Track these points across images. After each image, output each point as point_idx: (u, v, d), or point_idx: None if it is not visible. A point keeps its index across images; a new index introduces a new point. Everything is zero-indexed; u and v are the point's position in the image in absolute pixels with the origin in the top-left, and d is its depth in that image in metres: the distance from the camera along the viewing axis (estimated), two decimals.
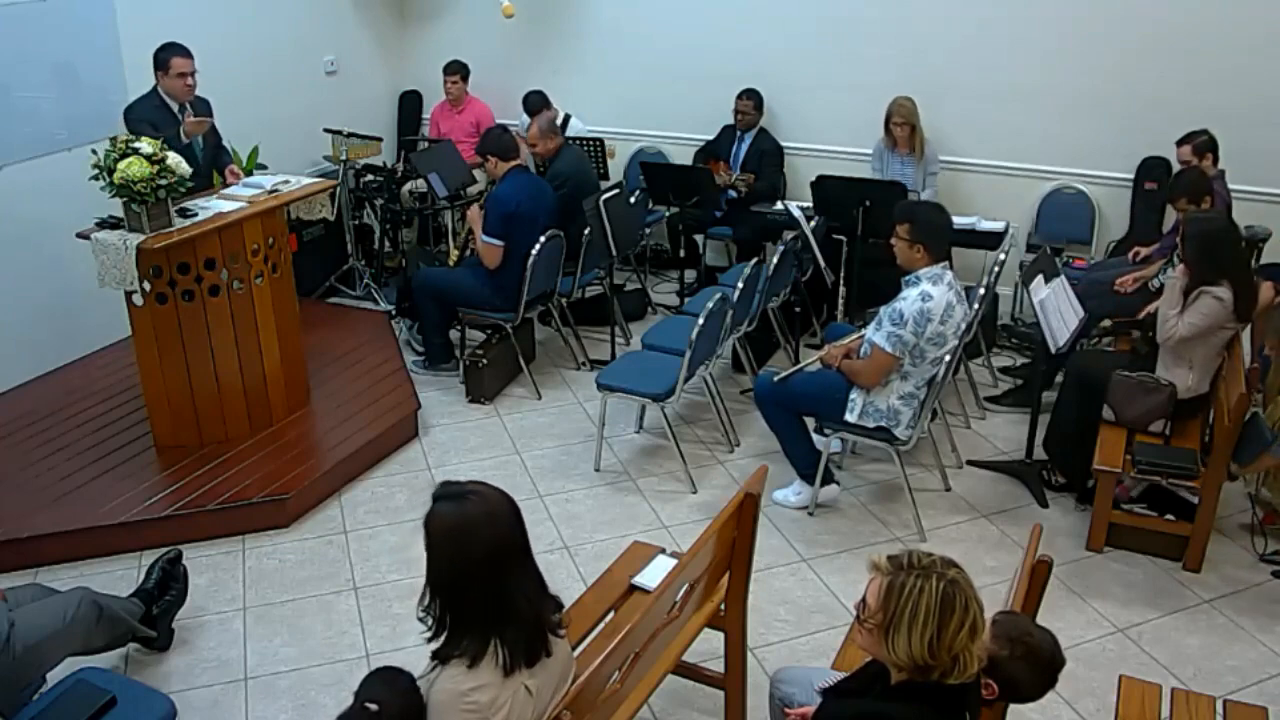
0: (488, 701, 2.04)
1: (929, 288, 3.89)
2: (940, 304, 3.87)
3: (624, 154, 7.03)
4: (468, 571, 2.04)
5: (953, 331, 3.94)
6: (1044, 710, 3.19)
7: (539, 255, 5.20)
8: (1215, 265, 3.98)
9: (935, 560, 1.97)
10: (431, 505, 2.08)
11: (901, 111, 5.82)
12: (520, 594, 2.10)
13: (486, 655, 2.05)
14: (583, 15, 6.99)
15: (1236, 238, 4.20)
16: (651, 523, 4.33)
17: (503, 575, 2.07)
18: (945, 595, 1.91)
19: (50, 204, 4.95)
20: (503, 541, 2.07)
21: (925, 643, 1.90)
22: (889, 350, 3.91)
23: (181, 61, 4.73)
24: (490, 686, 2.04)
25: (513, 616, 2.08)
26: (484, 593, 2.05)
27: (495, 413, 5.27)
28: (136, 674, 3.39)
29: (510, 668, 2.06)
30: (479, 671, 2.04)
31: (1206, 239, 4.02)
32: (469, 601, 2.05)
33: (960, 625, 1.91)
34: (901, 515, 4.33)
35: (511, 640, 2.07)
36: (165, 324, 4.38)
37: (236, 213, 4.47)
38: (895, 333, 3.89)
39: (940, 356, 3.99)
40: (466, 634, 2.06)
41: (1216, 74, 5.39)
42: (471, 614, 2.06)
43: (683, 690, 3.30)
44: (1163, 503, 4.02)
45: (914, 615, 1.90)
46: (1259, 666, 3.47)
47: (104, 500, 4.21)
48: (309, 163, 6.60)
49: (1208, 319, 3.97)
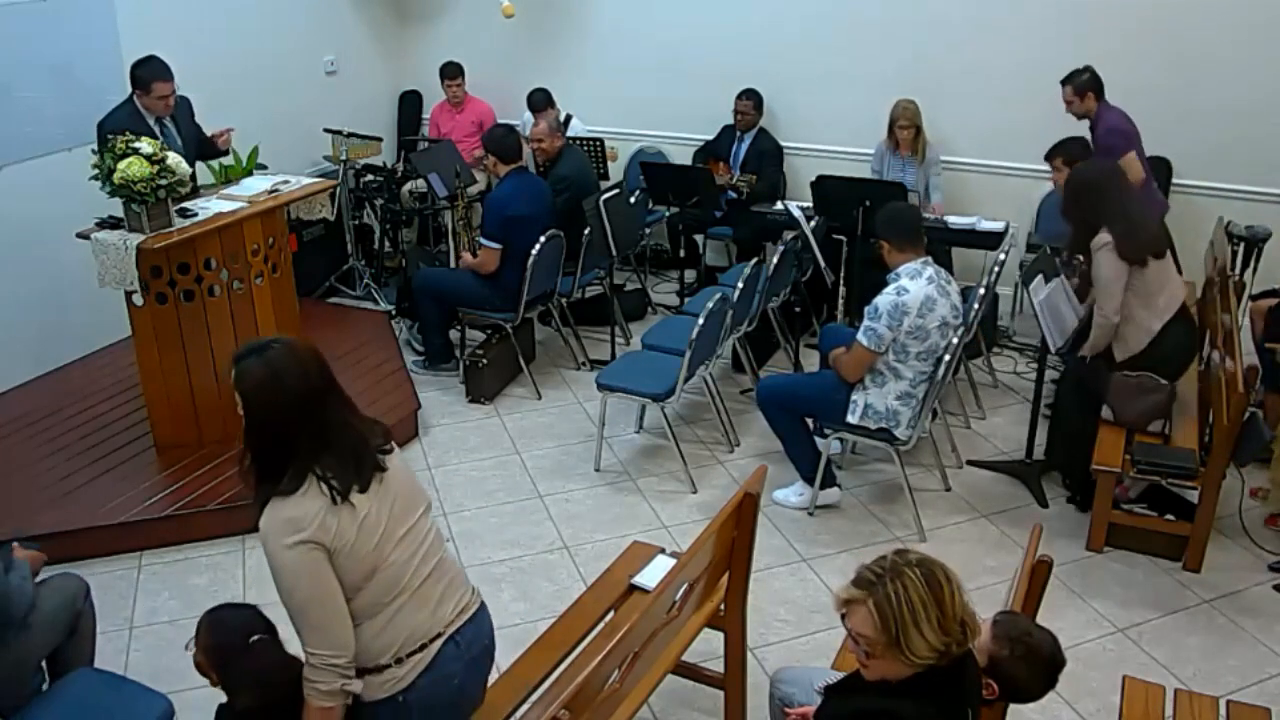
0: (309, 520, 2.07)
1: (905, 282, 3.94)
2: (917, 297, 3.89)
3: (624, 154, 7.03)
4: (283, 417, 2.10)
5: (936, 325, 3.94)
6: (1044, 710, 3.19)
7: (539, 255, 5.20)
8: (1091, 213, 3.97)
9: (888, 559, 1.99)
10: (235, 366, 2.14)
11: (906, 115, 5.81)
12: (336, 425, 2.16)
13: (308, 487, 2.09)
14: (583, 15, 6.99)
15: (1114, 183, 4.08)
16: (651, 523, 4.33)
17: (318, 410, 2.13)
18: (927, 577, 1.93)
19: (50, 204, 4.94)
20: (311, 380, 2.14)
21: (937, 627, 1.91)
22: (866, 345, 3.94)
23: (163, 85, 4.65)
24: (314, 513, 2.08)
25: (331, 447, 2.13)
26: (301, 431, 2.10)
27: (495, 413, 5.27)
28: (136, 674, 3.39)
29: (337, 495, 2.11)
30: (302, 500, 2.09)
31: (1077, 189, 4.02)
32: (287, 443, 2.11)
33: (952, 593, 1.94)
34: (901, 515, 4.33)
35: (334, 468, 2.12)
36: (165, 324, 4.38)
37: (236, 213, 4.47)
38: (870, 327, 3.92)
39: (932, 352, 3.99)
40: (284, 473, 2.11)
41: (1216, 74, 5.40)
42: (291, 454, 2.11)
43: (683, 690, 3.30)
44: (1163, 503, 4.02)
45: (914, 612, 1.91)
46: (1259, 666, 3.47)
47: (104, 500, 4.21)
48: (309, 163, 6.60)
49: (1114, 276, 3.93)
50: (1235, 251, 5.06)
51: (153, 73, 4.64)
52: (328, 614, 2.11)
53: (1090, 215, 4.00)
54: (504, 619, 3.75)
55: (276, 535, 2.08)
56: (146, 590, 3.96)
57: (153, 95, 4.64)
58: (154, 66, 4.66)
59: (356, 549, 2.12)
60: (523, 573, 4.02)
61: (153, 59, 4.68)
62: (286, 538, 2.06)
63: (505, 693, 2.70)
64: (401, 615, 2.19)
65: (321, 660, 2.11)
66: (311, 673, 2.12)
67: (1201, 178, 5.48)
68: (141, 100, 4.67)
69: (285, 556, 2.07)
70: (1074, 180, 4.12)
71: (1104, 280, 3.99)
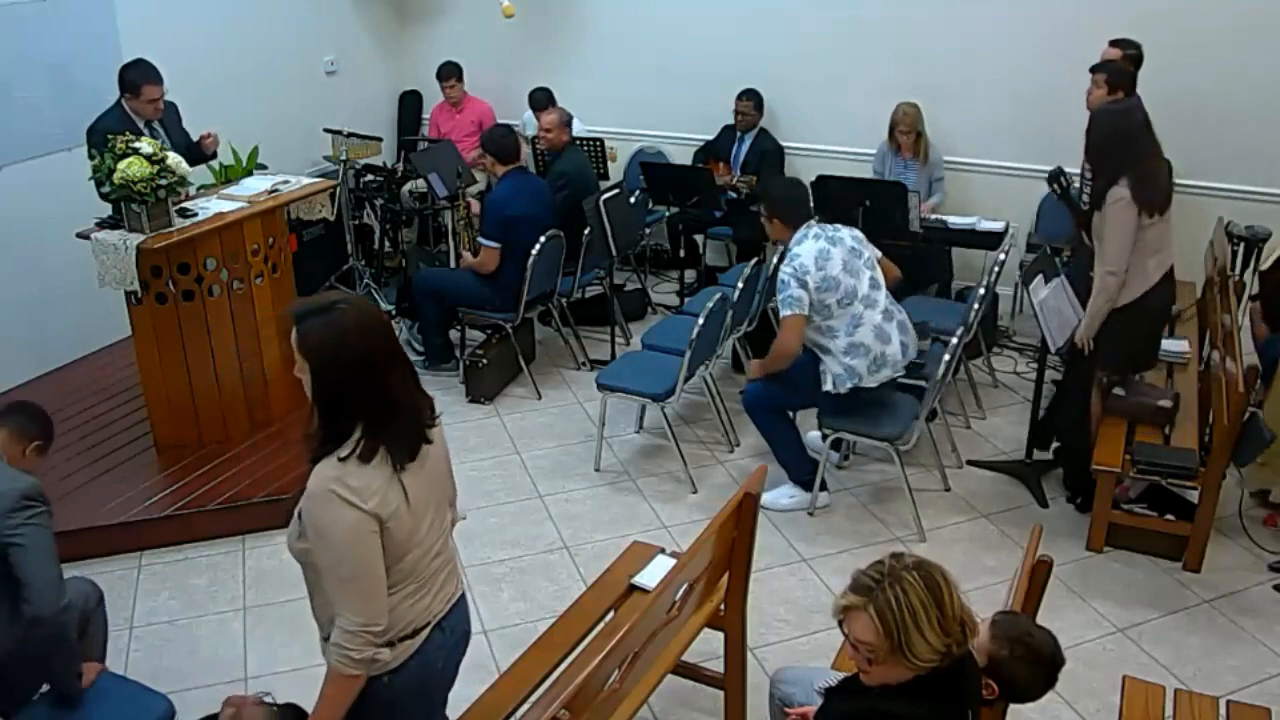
0: (373, 491, 2.04)
1: (795, 249, 4.06)
2: (810, 255, 4.00)
3: (624, 154, 7.03)
4: (348, 377, 2.04)
5: (840, 270, 4.00)
6: (1044, 710, 3.19)
7: (539, 255, 5.20)
8: (1116, 162, 3.92)
9: (885, 563, 1.98)
10: (297, 326, 2.06)
11: (906, 120, 5.79)
12: (399, 391, 2.11)
13: (374, 456, 2.06)
14: (583, 15, 6.99)
15: (1141, 131, 4.02)
16: (651, 523, 4.33)
17: (382, 375, 2.07)
18: (925, 579, 1.93)
19: (49, 204, 4.94)
20: (376, 344, 2.08)
21: (938, 629, 1.91)
22: (791, 312, 4.02)
23: (152, 89, 4.63)
24: (379, 485, 2.05)
25: (397, 415, 2.09)
26: (367, 395, 2.06)
27: (495, 413, 5.27)
28: (136, 674, 3.39)
29: (397, 464, 2.08)
30: (367, 469, 2.05)
31: (1110, 136, 3.95)
32: (352, 407, 2.06)
33: (951, 594, 1.94)
34: (901, 515, 4.32)
35: (398, 438, 2.09)
36: (165, 324, 4.38)
37: (236, 213, 4.47)
38: (787, 296, 4.02)
39: (851, 296, 4.02)
40: (348, 436, 2.06)
41: (1217, 73, 5.39)
42: (355, 418, 2.06)
43: (683, 690, 3.30)
44: (1163, 503, 4.02)
45: (915, 616, 1.90)
46: (1259, 666, 3.47)
47: (104, 500, 4.21)
48: (309, 163, 6.60)
49: (1126, 229, 3.90)
50: (1235, 251, 5.06)
51: (142, 76, 4.62)
52: (374, 583, 2.08)
53: (1115, 165, 3.93)
54: (504, 619, 3.75)
55: (336, 500, 2.02)
56: (146, 590, 3.96)
57: (142, 99, 4.63)
58: (143, 70, 4.64)
59: (400, 528, 2.10)
60: (523, 573, 4.02)
61: (141, 62, 4.66)
62: (347, 505, 2.02)
63: (505, 693, 2.70)
64: (408, 600, 2.19)
65: (360, 627, 2.07)
66: (346, 639, 2.07)
67: (1201, 178, 5.47)
68: (131, 104, 4.65)
69: (343, 524, 2.02)
70: (1107, 126, 4.00)
71: (1116, 231, 3.91)
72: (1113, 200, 3.90)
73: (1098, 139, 4.00)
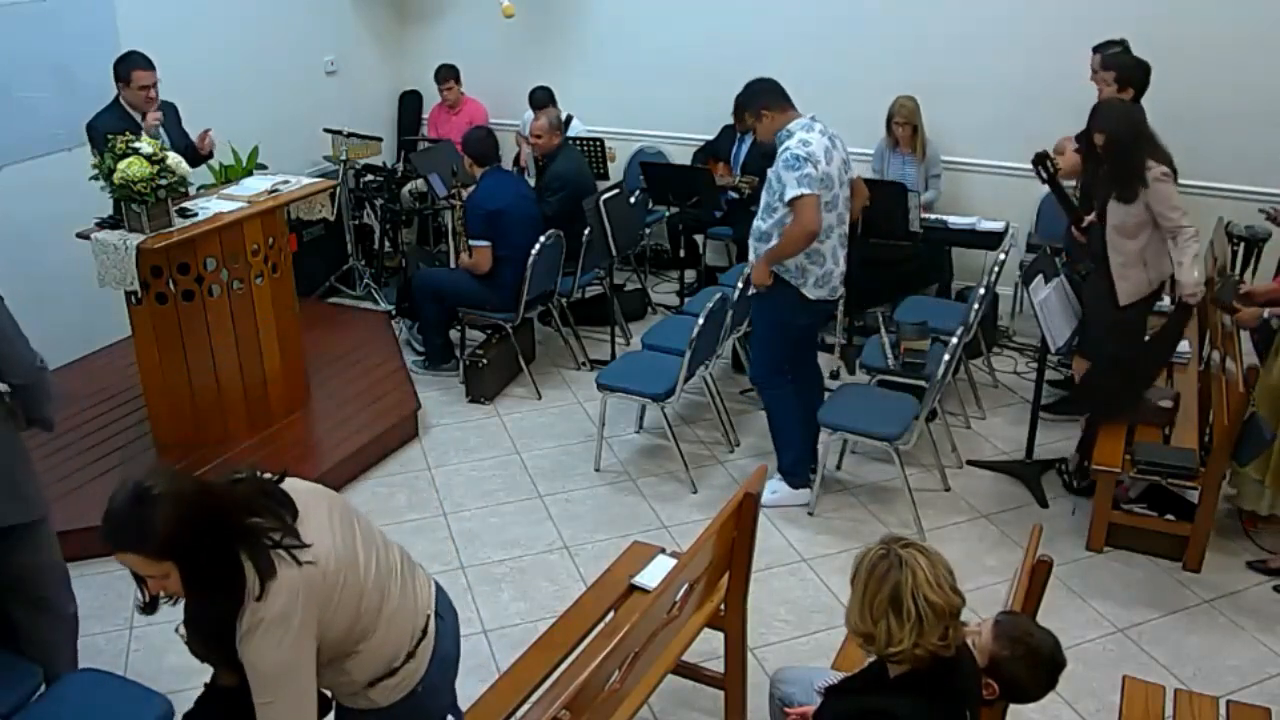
0: (296, 595, 1.94)
1: (804, 135, 3.90)
2: (819, 146, 3.88)
3: (624, 154, 7.03)
4: (208, 541, 1.93)
5: (836, 172, 3.92)
6: (1044, 710, 3.19)
7: (539, 255, 5.20)
8: (1139, 158, 3.95)
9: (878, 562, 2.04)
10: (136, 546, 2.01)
11: (903, 112, 5.82)
12: (239, 504, 2.01)
13: (273, 563, 1.94)
14: (583, 15, 6.99)
15: (1149, 128, 4.13)
16: (651, 523, 4.33)
17: (223, 508, 1.98)
18: (872, 561, 2.01)
19: (49, 204, 4.94)
20: (216, 508, 1.97)
21: (870, 606, 1.99)
22: (808, 191, 3.82)
23: (142, 74, 4.61)
24: (296, 584, 1.94)
25: (256, 526, 1.98)
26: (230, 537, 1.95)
27: (495, 413, 5.27)
28: (136, 674, 3.39)
29: (293, 558, 1.96)
30: (276, 581, 1.93)
31: (1132, 139, 3.98)
32: (230, 555, 1.94)
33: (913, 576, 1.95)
34: (901, 515, 4.32)
35: (276, 536, 1.98)
36: (165, 324, 4.38)
37: (236, 213, 4.47)
38: (803, 175, 3.82)
39: (834, 204, 3.94)
40: (240, 573, 1.94)
41: (1217, 74, 5.39)
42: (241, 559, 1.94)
43: (683, 690, 3.30)
44: (1163, 503, 4.02)
45: (864, 589, 2.02)
46: (1259, 666, 3.47)
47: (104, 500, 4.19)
48: (309, 163, 6.60)
49: (1175, 194, 3.96)
50: (1235, 251, 5.06)
51: (131, 63, 4.62)
52: (310, 697, 2.02)
53: (1139, 160, 3.96)
54: (504, 619, 3.75)
55: (272, 635, 1.90)
56: None
57: (133, 86, 4.62)
58: (132, 58, 4.64)
59: (343, 582, 2.03)
60: (523, 573, 4.02)
61: (131, 52, 4.67)
62: (283, 630, 1.91)
63: (505, 693, 2.70)
64: (397, 615, 2.18)
65: None
66: None
67: (1201, 178, 5.47)
68: (124, 94, 4.65)
69: (283, 650, 1.92)
70: (1125, 131, 4.01)
71: (1171, 199, 3.95)
72: (1154, 178, 3.93)
73: (1121, 129, 3.99)
